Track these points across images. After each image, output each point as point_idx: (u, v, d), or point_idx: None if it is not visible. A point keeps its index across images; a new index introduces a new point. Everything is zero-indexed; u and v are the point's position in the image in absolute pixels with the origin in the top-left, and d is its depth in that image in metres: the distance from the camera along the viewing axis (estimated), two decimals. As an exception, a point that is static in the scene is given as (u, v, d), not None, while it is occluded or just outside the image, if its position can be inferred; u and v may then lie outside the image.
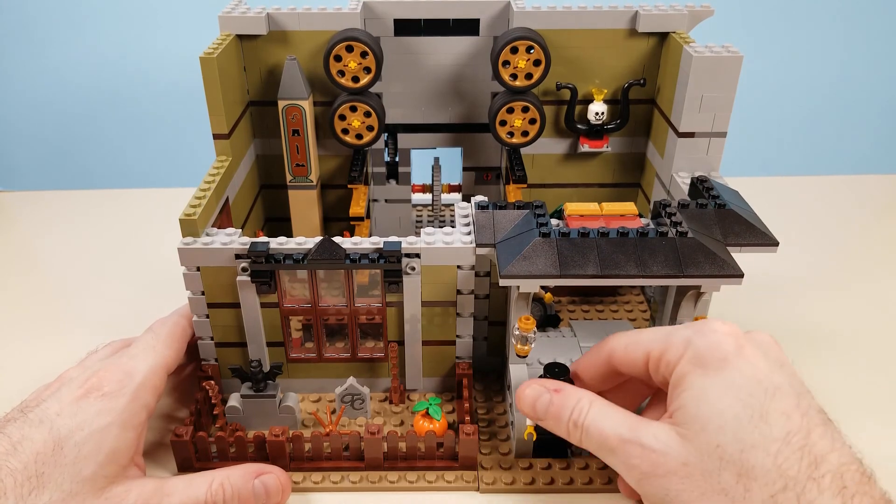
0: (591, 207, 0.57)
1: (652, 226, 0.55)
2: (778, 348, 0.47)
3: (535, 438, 0.54)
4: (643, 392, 0.53)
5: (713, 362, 0.44)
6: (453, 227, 0.59)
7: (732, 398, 0.42)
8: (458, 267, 0.58)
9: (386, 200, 0.83)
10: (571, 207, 0.57)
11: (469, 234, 0.58)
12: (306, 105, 0.68)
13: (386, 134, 0.78)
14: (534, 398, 0.50)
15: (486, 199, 0.60)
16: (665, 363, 0.46)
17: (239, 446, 0.55)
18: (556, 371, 0.53)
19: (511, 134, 0.71)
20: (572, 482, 0.55)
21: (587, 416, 0.47)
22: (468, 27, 0.72)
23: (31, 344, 0.73)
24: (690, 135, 0.66)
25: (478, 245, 0.56)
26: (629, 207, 0.57)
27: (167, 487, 0.49)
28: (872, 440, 0.47)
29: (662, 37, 0.70)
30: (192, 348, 0.61)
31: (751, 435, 0.41)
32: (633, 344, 0.49)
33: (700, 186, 0.61)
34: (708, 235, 0.55)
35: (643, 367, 0.48)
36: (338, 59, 0.67)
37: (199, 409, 0.59)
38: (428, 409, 0.59)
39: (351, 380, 0.60)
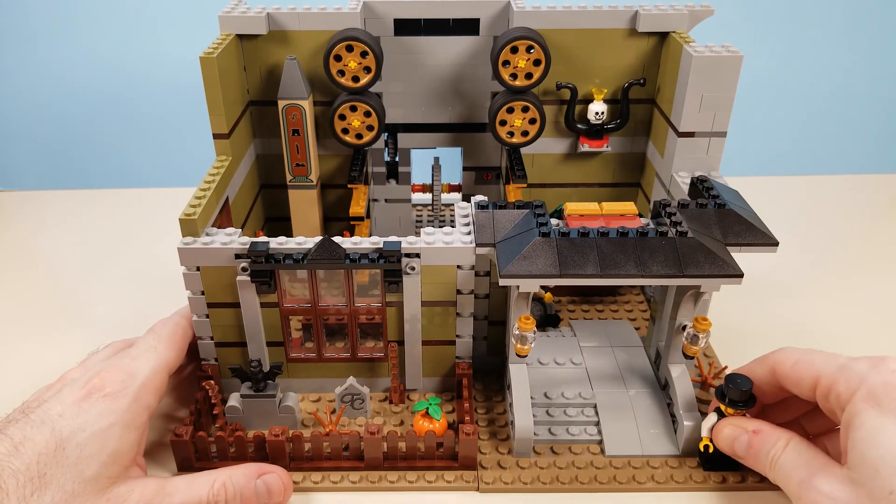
0: (591, 207, 0.57)
1: (652, 225, 0.56)
2: None
3: (711, 450, 0.55)
4: (805, 407, 0.53)
5: (888, 402, 0.43)
6: (453, 226, 0.59)
7: None
8: (458, 267, 0.58)
9: (386, 200, 0.83)
10: (571, 207, 0.57)
11: (469, 233, 0.58)
12: (306, 105, 0.68)
13: (386, 134, 0.78)
14: (732, 438, 0.51)
15: (486, 198, 0.60)
16: (836, 395, 0.46)
17: (239, 446, 0.56)
18: (737, 382, 0.52)
19: (511, 134, 0.71)
20: (572, 482, 0.55)
21: (781, 456, 0.48)
22: (468, 27, 0.72)
23: (32, 344, 0.73)
24: (690, 134, 0.66)
25: (478, 245, 0.56)
26: (629, 207, 0.57)
27: (169, 487, 0.49)
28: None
29: (662, 36, 0.70)
30: (192, 348, 0.61)
31: None
32: (803, 363, 0.49)
33: (700, 186, 0.62)
34: (708, 235, 0.55)
35: (809, 389, 0.48)
36: (338, 58, 0.67)
37: (199, 409, 0.59)
38: (428, 408, 0.59)
39: (351, 380, 0.60)
